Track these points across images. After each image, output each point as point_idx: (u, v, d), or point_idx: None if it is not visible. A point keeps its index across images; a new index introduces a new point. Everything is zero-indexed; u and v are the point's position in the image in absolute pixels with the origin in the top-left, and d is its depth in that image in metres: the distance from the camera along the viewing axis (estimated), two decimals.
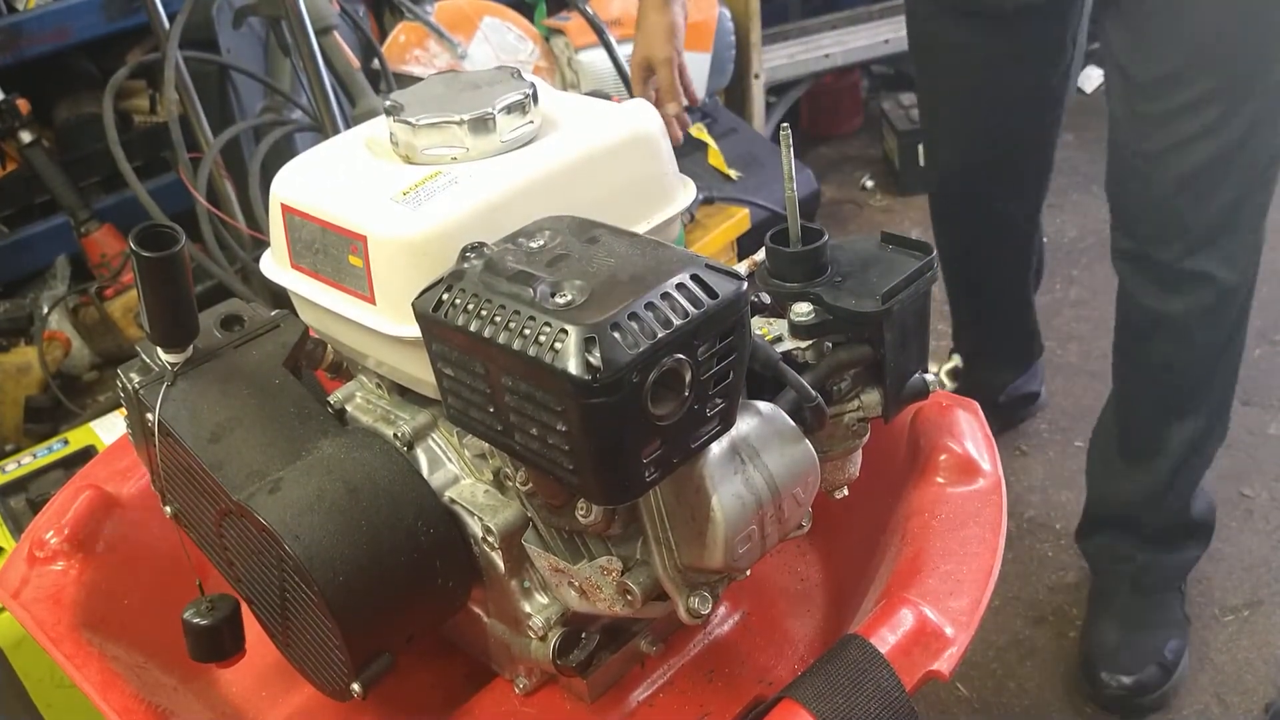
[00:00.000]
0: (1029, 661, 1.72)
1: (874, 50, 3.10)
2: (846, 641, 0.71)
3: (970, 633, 0.73)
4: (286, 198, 0.81)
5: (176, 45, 1.91)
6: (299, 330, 0.88)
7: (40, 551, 0.90)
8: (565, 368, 0.57)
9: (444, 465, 0.81)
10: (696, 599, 0.71)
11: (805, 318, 0.76)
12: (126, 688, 0.79)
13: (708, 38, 2.56)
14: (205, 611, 0.79)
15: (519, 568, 0.78)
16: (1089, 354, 2.28)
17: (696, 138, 2.52)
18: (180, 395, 0.82)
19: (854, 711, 0.68)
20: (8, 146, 2.21)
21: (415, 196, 0.74)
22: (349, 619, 0.72)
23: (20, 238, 2.24)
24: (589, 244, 0.66)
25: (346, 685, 0.75)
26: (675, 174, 0.84)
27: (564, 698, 0.85)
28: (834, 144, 3.24)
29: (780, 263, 0.79)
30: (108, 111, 2.00)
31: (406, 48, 2.31)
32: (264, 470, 0.77)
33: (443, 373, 0.67)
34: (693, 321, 0.60)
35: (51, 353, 2.10)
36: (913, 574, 0.77)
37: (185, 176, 1.92)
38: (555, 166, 0.76)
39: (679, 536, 0.69)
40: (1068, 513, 1.92)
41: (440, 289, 0.65)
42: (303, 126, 2.08)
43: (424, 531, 0.76)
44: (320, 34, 1.95)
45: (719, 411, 0.64)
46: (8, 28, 2.07)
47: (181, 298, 0.80)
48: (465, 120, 0.76)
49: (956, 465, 0.85)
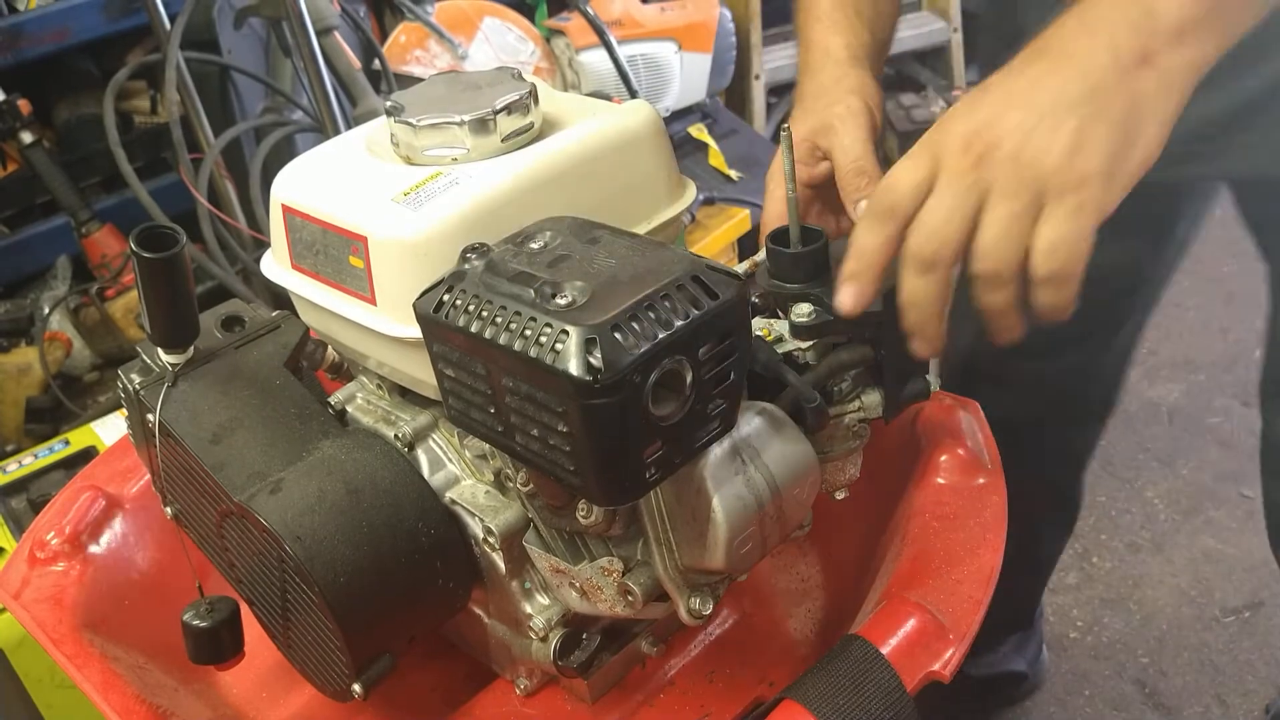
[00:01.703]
0: None
1: None
2: (847, 642, 0.71)
3: (972, 633, 0.73)
4: (287, 198, 0.81)
5: (177, 46, 1.91)
6: (300, 331, 0.88)
7: (41, 552, 0.90)
8: (566, 369, 0.57)
9: (445, 466, 0.81)
10: (697, 600, 0.71)
11: (806, 319, 0.76)
12: (127, 688, 0.79)
13: (708, 38, 2.56)
14: (205, 613, 0.78)
15: (520, 569, 0.78)
16: None
17: (697, 138, 2.52)
18: (181, 396, 0.82)
19: (855, 712, 0.67)
20: (8, 147, 2.21)
21: (416, 197, 0.74)
22: (350, 620, 0.72)
23: (21, 238, 2.23)
24: (590, 245, 0.66)
25: (347, 686, 0.75)
26: (676, 175, 0.83)
27: (565, 698, 0.85)
28: None
29: (781, 263, 0.79)
30: (108, 112, 2.01)
31: (407, 48, 2.31)
32: (265, 471, 0.77)
33: (443, 374, 0.67)
34: (694, 322, 0.60)
35: (52, 353, 2.10)
36: (914, 574, 0.77)
37: (186, 177, 1.92)
38: (556, 167, 0.76)
39: (680, 537, 0.69)
40: None
41: (441, 290, 0.65)
42: (304, 127, 2.08)
43: (425, 532, 0.76)
44: (321, 35, 1.95)
45: (720, 412, 0.64)
46: (8, 28, 2.07)
47: (182, 298, 0.80)
48: (466, 121, 0.76)
49: (957, 466, 0.85)
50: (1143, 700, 1.67)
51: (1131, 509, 2.00)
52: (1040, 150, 0.65)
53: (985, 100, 0.69)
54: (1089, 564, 1.89)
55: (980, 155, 0.67)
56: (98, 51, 2.34)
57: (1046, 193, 0.65)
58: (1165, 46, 0.65)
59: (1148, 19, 0.65)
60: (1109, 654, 1.74)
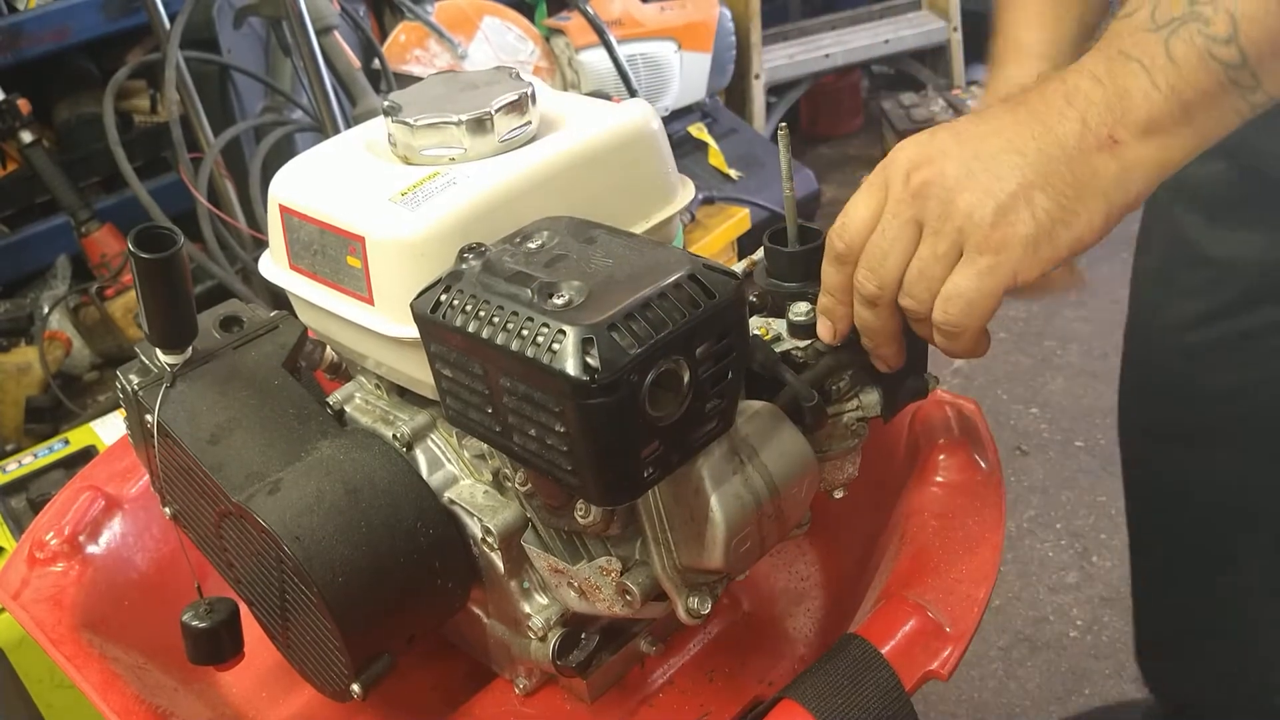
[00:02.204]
0: (1029, 661, 1.72)
1: (874, 50, 3.10)
2: (846, 641, 0.71)
3: (970, 633, 0.73)
4: (285, 198, 0.81)
5: (177, 45, 1.92)
6: (298, 331, 0.88)
7: (40, 552, 0.90)
8: (563, 368, 0.57)
9: (443, 466, 0.81)
10: (696, 599, 0.71)
11: (804, 317, 0.76)
12: (126, 688, 0.79)
13: (708, 38, 2.56)
14: (204, 614, 0.79)
15: (518, 568, 0.78)
16: (1089, 354, 2.28)
17: (696, 137, 2.52)
18: (179, 396, 0.82)
19: (854, 711, 0.67)
20: (8, 146, 2.21)
21: (413, 197, 0.74)
22: (349, 620, 0.72)
23: (21, 238, 2.24)
24: (587, 244, 0.66)
25: (346, 686, 0.75)
26: (674, 174, 0.83)
27: (564, 698, 0.85)
28: (834, 144, 3.25)
29: (779, 263, 0.79)
30: (108, 111, 2.01)
31: (407, 48, 2.31)
32: (263, 471, 0.77)
33: (441, 374, 0.67)
34: (691, 322, 0.60)
35: (52, 353, 2.10)
36: (912, 574, 0.77)
37: (186, 176, 1.92)
38: (553, 167, 0.76)
39: (678, 537, 0.69)
40: (1068, 513, 1.93)
41: (438, 290, 0.65)
42: (303, 126, 2.08)
43: (423, 532, 0.76)
44: (321, 34, 1.95)
45: (717, 411, 0.64)
46: (8, 28, 2.07)
47: (180, 299, 0.80)
48: (463, 120, 0.76)
49: (956, 465, 0.85)
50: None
51: None
52: (973, 200, 0.65)
53: (942, 133, 0.68)
54: (1089, 564, 1.89)
55: (920, 186, 0.66)
56: (98, 51, 2.34)
57: (966, 244, 0.65)
58: (1132, 137, 0.64)
59: (1121, 103, 0.63)
60: (1109, 654, 1.74)
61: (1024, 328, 2.42)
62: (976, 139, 0.66)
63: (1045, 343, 2.13)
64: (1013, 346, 2.39)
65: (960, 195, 0.65)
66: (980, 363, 2.37)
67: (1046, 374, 2.18)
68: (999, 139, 0.66)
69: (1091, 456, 2.08)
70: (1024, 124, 0.66)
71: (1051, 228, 0.64)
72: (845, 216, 0.70)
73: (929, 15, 3.26)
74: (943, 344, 0.69)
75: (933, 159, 0.66)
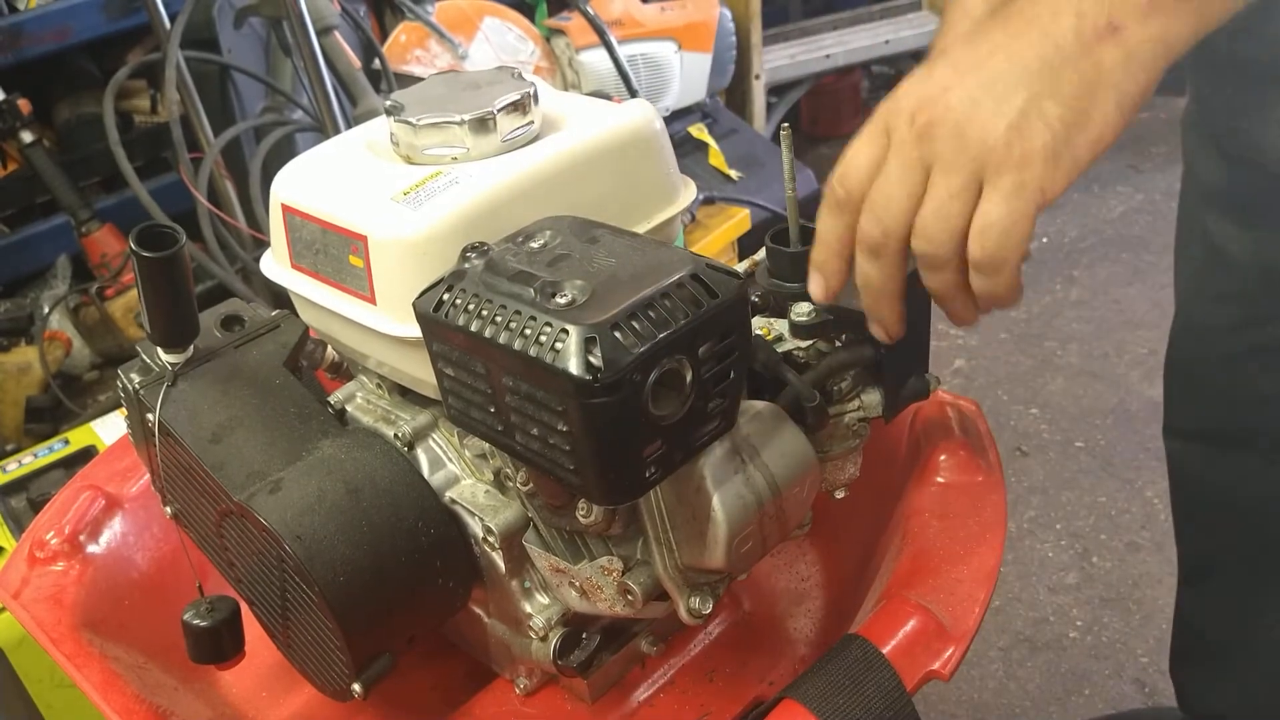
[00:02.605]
0: (1029, 662, 1.72)
1: (874, 50, 3.10)
2: (847, 641, 0.71)
3: (972, 633, 0.73)
4: (286, 198, 0.81)
5: (178, 45, 1.92)
6: (299, 330, 0.88)
7: (41, 552, 0.90)
8: (566, 368, 0.57)
9: (444, 465, 0.81)
10: (697, 599, 0.71)
11: (806, 318, 0.76)
12: (127, 688, 0.79)
13: (708, 38, 2.56)
14: (205, 613, 0.78)
15: (520, 568, 0.78)
16: (1089, 354, 2.28)
17: (697, 138, 2.52)
18: (180, 396, 0.82)
19: (855, 711, 0.67)
20: (8, 146, 2.21)
21: (416, 196, 0.74)
22: (350, 619, 0.72)
23: (21, 237, 2.24)
24: (589, 244, 0.66)
25: (347, 686, 0.75)
26: (676, 174, 0.83)
27: (564, 698, 0.85)
28: (834, 144, 3.24)
29: (780, 263, 0.79)
30: (108, 111, 2.01)
31: (407, 48, 2.31)
32: (264, 471, 0.77)
33: (443, 373, 0.67)
34: (693, 321, 0.60)
35: (52, 352, 2.10)
36: (913, 574, 0.77)
37: (186, 176, 1.92)
38: (556, 166, 0.76)
39: (680, 536, 0.69)
40: (1068, 513, 1.93)
41: (441, 289, 0.65)
42: (304, 126, 2.08)
43: (424, 532, 0.76)
44: (321, 34, 1.95)
45: (720, 411, 0.64)
46: (8, 28, 2.07)
47: (182, 298, 0.80)
48: (466, 120, 0.76)
49: (957, 465, 0.85)
50: (1143, 700, 1.67)
51: (1131, 509, 2.00)
52: (983, 126, 0.62)
53: (938, 68, 0.65)
54: (1089, 564, 1.89)
55: (925, 127, 0.64)
56: (98, 51, 2.34)
57: (986, 171, 0.62)
58: (1133, 19, 0.61)
59: None
60: (1109, 654, 1.74)
61: (1024, 328, 2.42)
62: (975, 65, 0.64)
63: (1045, 343, 2.13)
64: (1013, 347, 2.39)
65: (969, 127, 0.62)
66: (980, 363, 2.37)
67: (1046, 375, 2.18)
68: (998, 58, 0.63)
69: (1092, 457, 2.08)
70: (1020, 34, 0.63)
71: (1067, 134, 0.61)
72: (845, 164, 0.67)
73: (929, 15, 3.27)
74: (981, 286, 0.64)
75: (935, 98, 0.64)
